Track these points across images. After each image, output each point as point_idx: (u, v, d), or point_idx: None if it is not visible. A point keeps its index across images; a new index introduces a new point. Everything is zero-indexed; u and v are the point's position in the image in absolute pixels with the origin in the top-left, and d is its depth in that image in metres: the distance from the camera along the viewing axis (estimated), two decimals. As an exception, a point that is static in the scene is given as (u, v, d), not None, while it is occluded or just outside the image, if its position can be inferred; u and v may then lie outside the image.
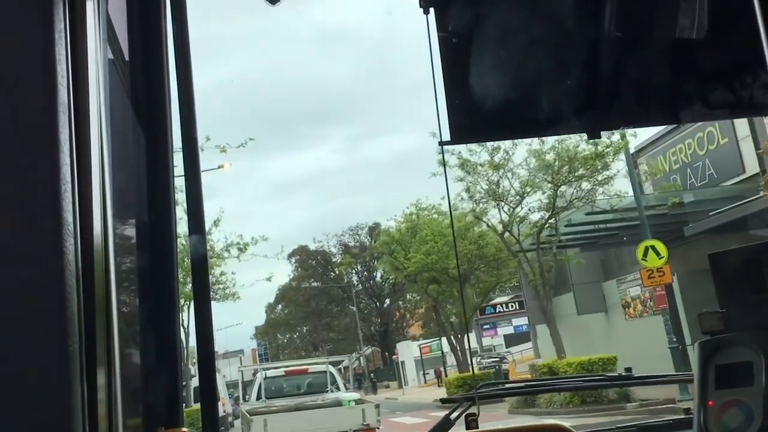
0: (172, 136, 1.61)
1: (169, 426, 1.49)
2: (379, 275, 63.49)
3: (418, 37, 1.99)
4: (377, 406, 14.44)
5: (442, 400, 4.95)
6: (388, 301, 65.06)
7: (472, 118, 2.04)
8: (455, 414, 2.98)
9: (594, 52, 2.09)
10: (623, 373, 3.45)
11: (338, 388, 17.42)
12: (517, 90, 2.12)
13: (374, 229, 61.72)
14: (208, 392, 1.60)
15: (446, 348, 52.96)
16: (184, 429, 1.51)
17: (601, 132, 2.31)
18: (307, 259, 66.99)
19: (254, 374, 20.22)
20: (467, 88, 2.01)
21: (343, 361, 29.43)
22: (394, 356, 62.52)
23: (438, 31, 1.97)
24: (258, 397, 16.87)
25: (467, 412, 2.96)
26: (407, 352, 57.83)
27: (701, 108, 2.19)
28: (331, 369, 18.16)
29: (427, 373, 46.89)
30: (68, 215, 0.76)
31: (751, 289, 1.93)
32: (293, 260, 66.80)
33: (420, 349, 56.20)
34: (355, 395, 17.42)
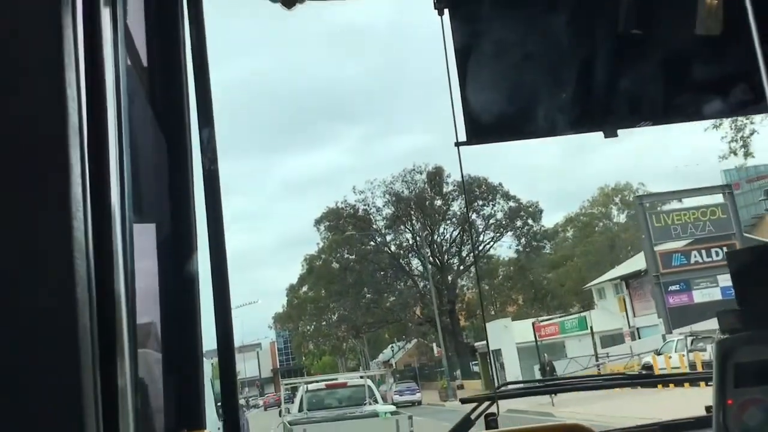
0: (191, 139, 1.63)
1: (191, 428, 1.51)
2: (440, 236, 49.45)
3: (433, 35, 1.99)
4: (410, 417, 15.09)
5: (462, 400, 4.90)
6: (453, 273, 51.97)
7: (488, 119, 2.05)
8: (475, 414, 2.98)
9: (609, 53, 2.09)
10: (643, 371, 3.44)
11: (376, 401, 18.84)
12: (533, 91, 2.12)
13: (435, 175, 50.61)
14: (228, 391, 1.62)
15: (606, 326, 32.71)
16: (207, 431, 1.53)
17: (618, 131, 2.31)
18: (342, 217, 52.47)
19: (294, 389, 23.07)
20: (483, 90, 2.02)
21: (382, 375, 26.92)
22: (477, 343, 47.86)
23: (453, 34, 1.98)
24: (300, 409, 18.51)
25: (487, 411, 2.96)
26: (504, 336, 37.99)
27: (717, 105, 2.18)
28: (369, 383, 19.87)
29: (548, 367, 31.16)
30: (86, 218, 0.77)
31: None
32: (322, 227, 54.13)
33: (534, 329, 35.97)
34: (391, 407, 18.78)
